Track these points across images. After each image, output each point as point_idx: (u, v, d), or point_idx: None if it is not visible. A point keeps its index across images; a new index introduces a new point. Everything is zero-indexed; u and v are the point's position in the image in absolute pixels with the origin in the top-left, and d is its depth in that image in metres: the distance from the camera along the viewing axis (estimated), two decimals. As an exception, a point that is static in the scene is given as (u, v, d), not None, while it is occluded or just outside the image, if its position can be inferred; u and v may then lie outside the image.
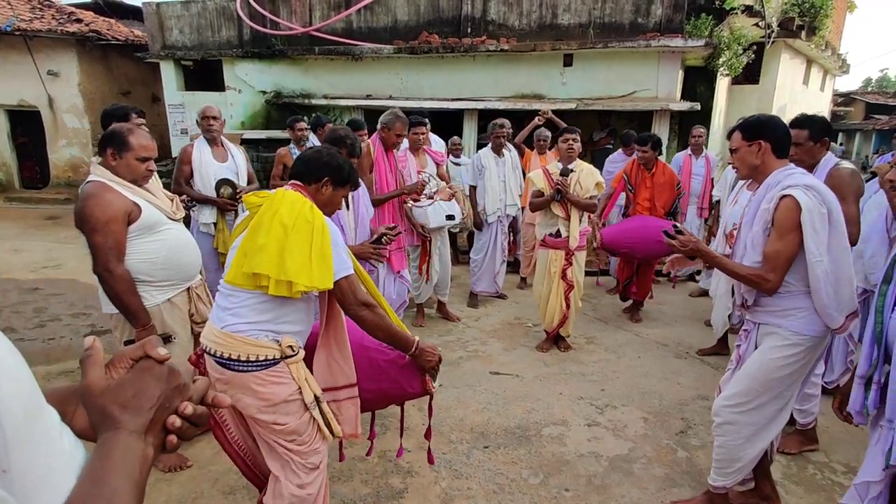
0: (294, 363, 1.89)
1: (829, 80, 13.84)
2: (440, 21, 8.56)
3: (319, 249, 1.81)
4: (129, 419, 0.66)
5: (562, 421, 3.28)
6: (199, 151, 3.90)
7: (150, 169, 2.46)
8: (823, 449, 3.03)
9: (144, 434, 0.66)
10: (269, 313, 1.87)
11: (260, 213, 1.87)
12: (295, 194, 1.93)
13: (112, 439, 0.64)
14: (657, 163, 4.71)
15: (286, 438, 1.92)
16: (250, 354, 1.84)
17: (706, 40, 7.15)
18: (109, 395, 0.67)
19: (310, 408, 1.91)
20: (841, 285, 2.13)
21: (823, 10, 9.45)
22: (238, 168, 4.01)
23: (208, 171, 3.87)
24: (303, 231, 1.81)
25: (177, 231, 2.58)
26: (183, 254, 2.58)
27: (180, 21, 10.02)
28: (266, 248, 1.78)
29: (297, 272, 1.77)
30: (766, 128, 2.20)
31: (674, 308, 5.39)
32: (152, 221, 2.43)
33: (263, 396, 1.86)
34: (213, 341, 1.88)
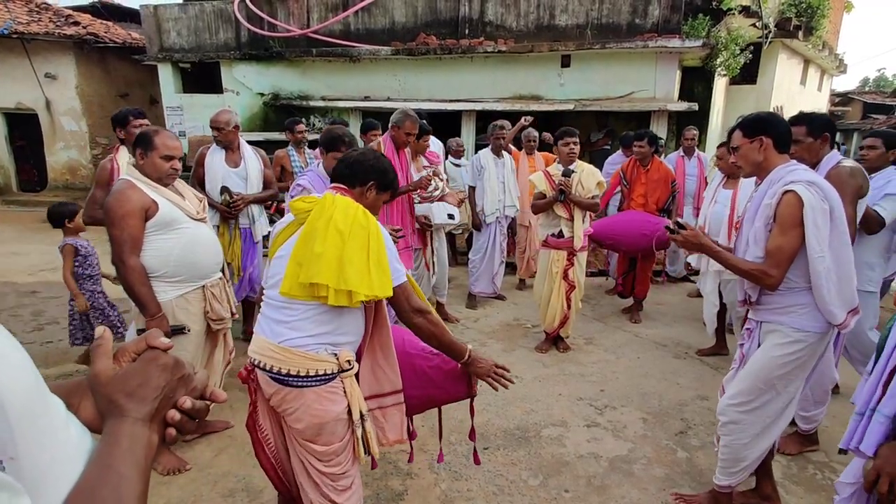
0: (349, 377, 1.86)
1: (827, 80, 13.87)
2: (438, 22, 8.56)
3: (377, 256, 1.76)
4: (135, 407, 0.68)
5: (561, 422, 3.28)
6: (212, 155, 3.94)
7: (174, 167, 2.56)
8: (823, 449, 3.03)
9: (149, 422, 0.68)
10: (329, 325, 1.81)
11: (311, 220, 1.79)
12: (345, 199, 1.87)
13: (118, 427, 0.67)
14: (653, 159, 4.75)
15: (322, 459, 1.88)
16: (310, 370, 1.79)
17: (703, 41, 7.16)
18: (116, 384, 0.69)
19: (354, 425, 1.87)
20: (842, 281, 2.13)
21: (820, 10, 9.48)
22: (248, 174, 3.99)
23: (216, 175, 3.90)
24: (359, 237, 1.75)
25: (195, 230, 2.64)
26: (198, 252, 2.63)
27: (178, 23, 10.02)
28: (324, 257, 1.71)
29: (357, 281, 1.71)
30: (767, 124, 2.21)
31: (672, 308, 5.39)
32: (169, 219, 2.52)
33: (317, 413, 1.81)
34: (268, 357, 1.81)
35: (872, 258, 3.18)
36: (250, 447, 2.91)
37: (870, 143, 3.27)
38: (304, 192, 3.01)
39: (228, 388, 3.49)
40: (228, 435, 3.05)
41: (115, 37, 11.54)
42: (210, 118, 3.96)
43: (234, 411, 3.26)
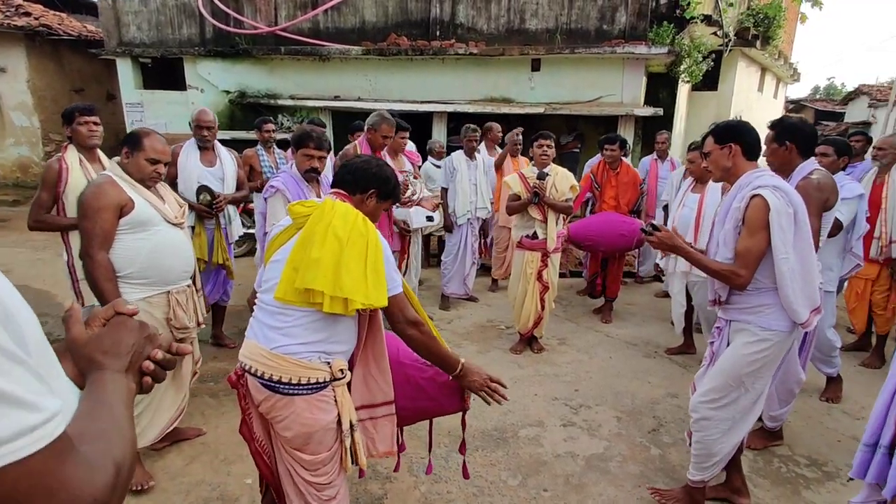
0: (340, 386, 1.82)
1: (782, 88, 14.47)
2: (409, 23, 8.54)
3: (374, 265, 1.73)
4: (112, 362, 0.80)
5: (538, 422, 3.31)
6: (186, 154, 3.83)
7: (158, 172, 2.52)
8: (787, 443, 3.15)
9: (125, 373, 0.82)
10: (322, 332, 1.78)
11: (310, 225, 1.76)
12: (345, 205, 1.84)
13: (101, 376, 0.79)
14: (621, 163, 4.87)
15: (309, 468, 1.84)
16: (301, 377, 1.75)
17: (669, 48, 7.37)
18: (92, 345, 0.82)
19: (343, 435, 1.84)
20: (806, 281, 2.23)
21: (777, 20, 9.89)
22: (225, 174, 3.92)
23: (192, 174, 3.80)
24: (358, 245, 1.73)
25: (169, 234, 2.57)
26: (167, 256, 2.55)
27: (138, 17, 9.68)
28: (321, 263, 1.68)
29: (353, 289, 1.68)
30: (737, 132, 2.30)
31: (641, 309, 5.52)
32: (143, 219, 2.46)
33: (305, 422, 1.77)
34: (260, 362, 1.77)
35: (831, 260, 3.33)
36: (224, 454, 2.86)
37: (822, 151, 3.41)
38: (277, 193, 2.95)
39: (197, 394, 3.40)
40: (201, 442, 2.96)
41: (70, 29, 11.07)
42: (194, 116, 3.87)
43: (205, 418, 3.17)
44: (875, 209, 3.92)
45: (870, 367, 4.19)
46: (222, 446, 2.94)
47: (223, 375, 3.68)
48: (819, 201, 2.63)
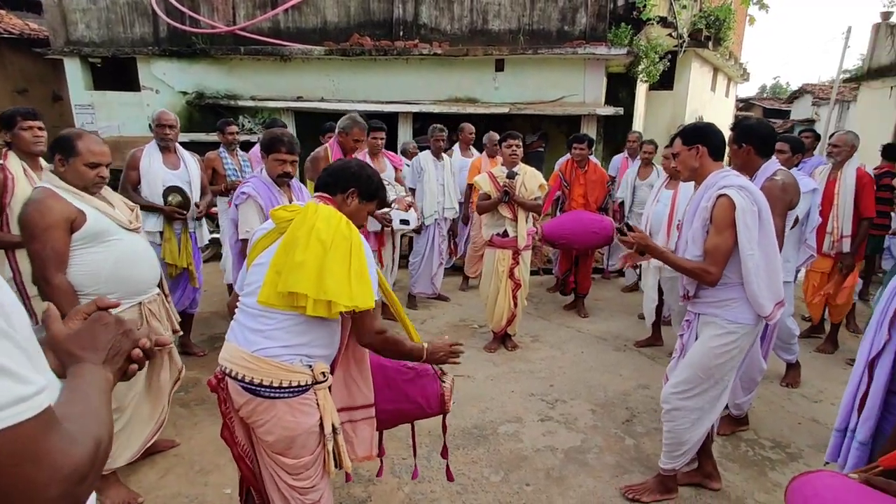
0: (322, 389, 1.80)
1: (733, 87, 15.07)
2: (371, 23, 8.48)
3: (358, 268, 1.73)
4: (90, 356, 0.86)
5: (516, 418, 3.36)
6: (149, 157, 3.70)
7: (101, 176, 2.33)
8: (753, 428, 3.30)
9: (103, 365, 0.87)
10: (305, 336, 1.76)
11: (293, 229, 1.75)
12: (328, 208, 1.83)
13: (81, 368, 0.85)
14: (589, 162, 4.98)
15: (292, 472, 1.82)
16: (283, 380, 1.72)
17: (627, 49, 7.57)
18: (72, 341, 0.87)
19: (326, 439, 1.82)
20: (770, 276, 2.34)
21: (727, 22, 10.29)
22: (191, 177, 3.83)
23: (156, 178, 3.67)
24: (341, 248, 1.72)
25: (129, 242, 2.41)
26: (133, 266, 2.41)
27: (86, 15, 9.27)
28: (304, 266, 1.67)
29: (336, 291, 1.67)
30: (703, 133, 2.39)
31: (609, 304, 5.66)
32: (99, 230, 2.28)
33: (287, 425, 1.75)
34: (241, 365, 1.74)
35: (788, 252, 3.48)
36: (200, 465, 2.79)
37: (779, 148, 3.57)
38: (248, 199, 2.89)
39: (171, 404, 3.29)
40: (174, 454, 2.88)
41: (11, 27, 10.52)
42: (155, 116, 3.76)
43: (177, 429, 3.08)
44: (828, 205, 4.13)
45: (824, 352, 4.42)
46: (197, 457, 2.86)
47: (194, 385, 3.59)
48: (784, 203, 2.75)
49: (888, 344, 1.55)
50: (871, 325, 1.67)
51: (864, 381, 1.65)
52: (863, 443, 1.59)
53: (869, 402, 1.60)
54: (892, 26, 9.89)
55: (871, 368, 1.62)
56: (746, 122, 2.83)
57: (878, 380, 1.58)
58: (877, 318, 1.63)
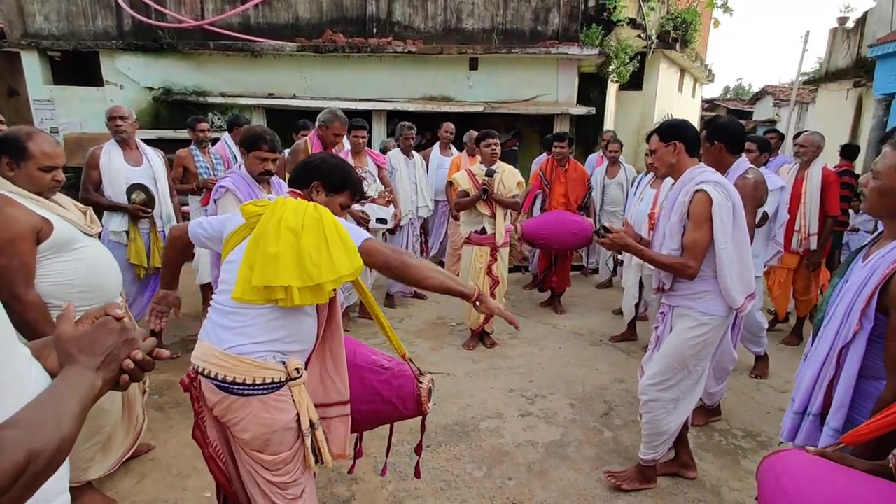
0: (297, 385, 1.78)
1: (699, 88, 15.47)
2: (344, 20, 8.41)
3: (335, 238, 1.71)
4: (85, 359, 0.88)
5: (497, 414, 3.38)
6: (109, 155, 3.56)
7: (57, 179, 2.15)
8: (725, 418, 3.40)
9: (96, 371, 0.88)
10: (279, 331, 1.73)
11: (262, 223, 1.72)
12: (296, 200, 1.82)
13: (70, 370, 0.87)
14: (569, 160, 5.03)
15: (270, 468, 1.79)
16: (255, 377, 1.70)
17: (599, 49, 7.69)
18: (73, 342, 0.89)
19: (304, 434, 1.79)
20: (742, 270, 2.42)
21: (693, 24, 10.56)
22: (155, 173, 3.70)
23: (118, 175, 3.54)
24: (313, 229, 1.70)
25: (95, 249, 2.30)
26: (102, 274, 2.30)
27: (45, 6, 8.92)
28: (280, 258, 1.64)
29: (319, 272, 1.65)
30: (680, 130, 2.45)
31: (584, 300, 5.75)
32: (66, 238, 2.13)
33: (263, 422, 1.73)
34: (213, 364, 1.71)
35: (757, 247, 3.60)
36: (177, 469, 2.73)
37: (748, 148, 3.69)
38: (227, 193, 2.84)
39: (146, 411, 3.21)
40: (150, 458, 2.80)
41: (-36, 18, 10.03)
42: (109, 109, 3.61)
43: (153, 433, 3.00)
44: (796, 203, 4.28)
45: (789, 344, 4.59)
46: (174, 461, 2.80)
47: (168, 388, 3.50)
48: (755, 200, 2.85)
49: (858, 333, 1.62)
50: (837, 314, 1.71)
51: (830, 367, 1.72)
52: (836, 430, 1.64)
53: (840, 390, 1.66)
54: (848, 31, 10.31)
55: (839, 357, 1.69)
56: (718, 120, 2.90)
57: (849, 369, 1.64)
58: (845, 308, 1.68)
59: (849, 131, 9.84)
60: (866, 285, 1.60)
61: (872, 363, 1.62)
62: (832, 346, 1.70)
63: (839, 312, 1.70)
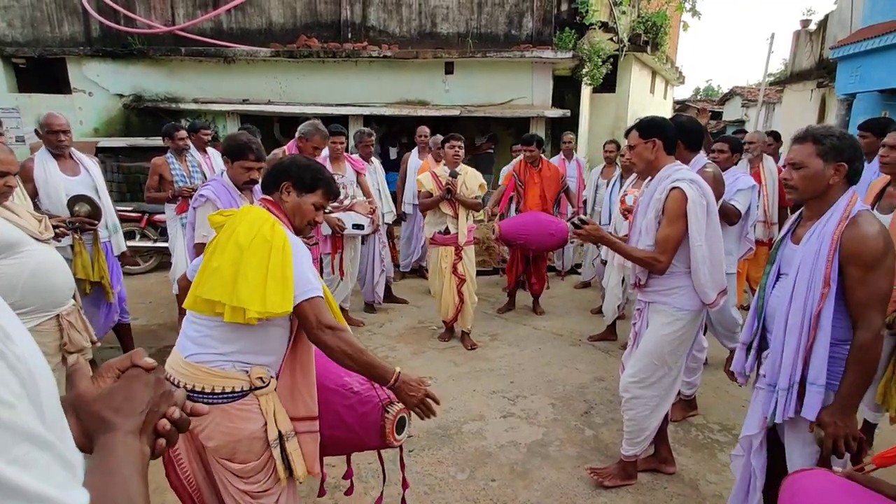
0: (264, 395, 1.75)
1: (670, 90, 15.79)
2: (318, 25, 8.38)
3: (278, 270, 1.65)
4: (124, 421, 0.71)
5: (479, 416, 3.41)
6: (43, 166, 3.41)
7: (9, 185, 2.21)
8: (702, 413, 3.48)
9: (139, 434, 0.71)
10: (237, 342, 1.70)
11: (220, 233, 1.72)
12: (258, 210, 1.77)
13: (112, 440, 0.69)
14: (542, 160, 5.09)
15: (241, 476, 1.77)
16: (216, 386, 1.68)
17: (572, 52, 7.80)
18: (102, 402, 0.72)
19: (271, 445, 1.76)
20: (714, 266, 2.49)
21: (663, 28, 10.78)
22: (95, 181, 3.59)
23: (57, 187, 3.41)
24: (259, 251, 1.65)
25: (42, 252, 2.32)
26: (49, 277, 2.32)
27: (8, 13, 8.69)
28: (219, 272, 1.64)
29: (248, 298, 1.61)
30: (659, 128, 2.51)
31: (562, 301, 5.81)
32: (11, 241, 2.19)
33: (228, 430, 1.71)
34: (177, 371, 1.71)
35: (731, 245, 3.68)
36: (156, 482, 2.67)
37: (719, 148, 3.79)
38: (207, 202, 2.81)
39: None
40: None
41: (-77, 25, 9.70)
42: (43, 121, 3.42)
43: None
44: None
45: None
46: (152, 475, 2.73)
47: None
48: (717, 192, 2.94)
49: (827, 296, 1.77)
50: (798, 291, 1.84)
51: (805, 334, 1.83)
52: (822, 385, 1.79)
53: (820, 350, 1.79)
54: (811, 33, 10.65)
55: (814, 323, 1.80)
56: (677, 119, 2.99)
57: (824, 328, 1.78)
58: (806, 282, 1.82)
59: (814, 130, 10.12)
60: (819, 254, 1.79)
61: (837, 327, 1.80)
62: (803, 316, 1.83)
63: (800, 287, 1.84)
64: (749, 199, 3.58)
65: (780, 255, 2.02)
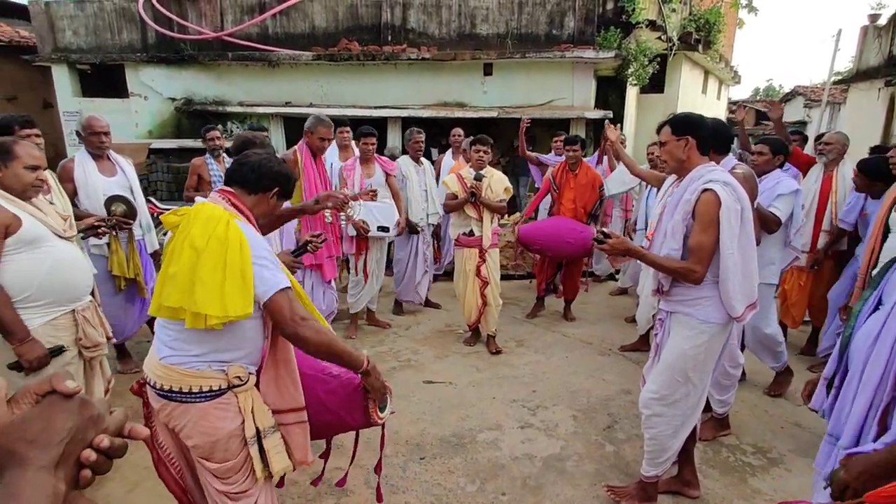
0: (242, 392, 1.74)
1: (724, 90, 15.09)
2: (360, 28, 8.48)
3: (236, 271, 1.62)
4: (38, 454, 0.62)
5: (496, 425, 3.31)
6: (82, 167, 3.53)
7: (40, 178, 2.31)
8: (734, 433, 3.26)
9: (55, 469, 0.63)
10: (209, 344, 1.70)
11: (175, 236, 1.70)
12: (212, 208, 1.71)
13: (19, 477, 0.61)
14: (581, 164, 4.91)
15: (219, 476, 1.78)
16: (192, 386, 1.69)
17: (616, 52, 7.56)
18: (15, 431, 0.63)
19: (248, 443, 1.76)
20: (745, 277, 2.29)
21: (716, 25, 10.31)
22: (130, 182, 3.71)
23: (96, 187, 3.53)
24: (214, 253, 1.62)
25: (62, 249, 2.39)
26: (67, 273, 2.38)
27: (74, 22, 9.25)
28: (176, 278, 1.62)
29: (207, 303, 1.58)
30: (694, 125, 2.33)
31: (596, 307, 5.62)
32: (33, 236, 2.26)
33: (206, 429, 1.71)
34: (153, 373, 1.74)
35: (775, 254, 3.42)
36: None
37: (759, 150, 3.51)
38: None
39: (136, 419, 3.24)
40: (144, 467, 2.80)
41: (0, 35, 10.49)
42: (85, 123, 3.55)
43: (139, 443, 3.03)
44: (823, 202, 4.07)
45: (807, 354, 4.39)
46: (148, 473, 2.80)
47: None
48: (750, 190, 2.74)
49: None
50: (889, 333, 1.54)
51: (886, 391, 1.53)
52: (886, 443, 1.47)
53: None
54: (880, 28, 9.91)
55: None
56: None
57: None
58: None
59: (880, 132, 9.43)
60: None
61: None
62: (888, 364, 1.54)
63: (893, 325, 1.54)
64: (791, 204, 3.31)
65: (888, 280, 1.68)
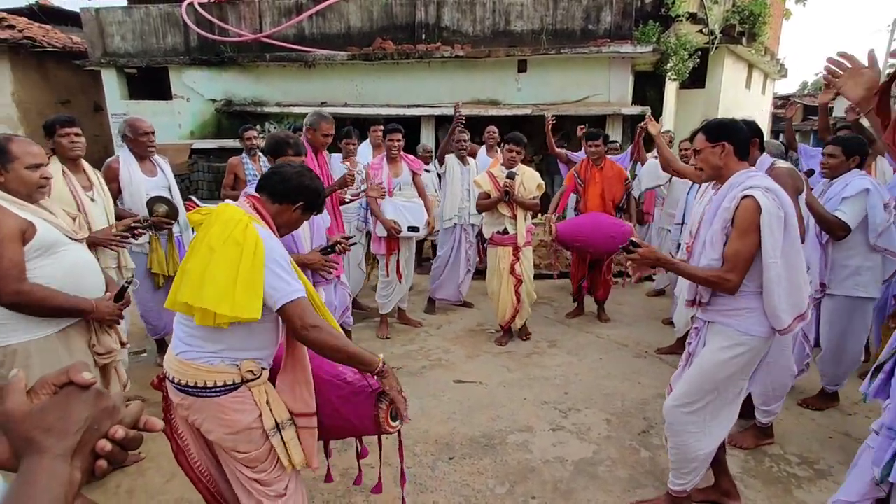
0: (256, 386, 1.78)
1: (770, 84, 14.52)
2: (394, 27, 8.53)
3: (248, 274, 1.64)
4: (54, 443, 0.64)
5: (527, 427, 3.26)
6: (127, 167, 3.63)
7: (45, 176, 2.25)
8: (778, 441, 3.11)
9: (71, 458, 0.65)
10: (223, 342, 1.73)
11: (197, 233, 1.76)
12: (234, 210, 1.75)
13: (36, 464, 0.63)
14: (605, 159, 4.81)
15: (248, 465, 1.83)
16: (207, 381, 1.73)
17: (654, 46, 7.36)
18: (33, 420, 0.66)
19: (269, 435, 1.79)
20: (792, 287, 2.16)
21: (762, 17, 9.91)
22: (170, 182, 3.81)
23: (139, 187, 3.63)
24: (229, 254, 1.64)
25: (76, 252, 2.34)
26: (82, 276, 2.33)
27: (122, 27, 9.63)
28: (190, 274, 1.66)
29: (217, 300, 1.60)
30: (729, 130, 2.24)
31: (632, 308, 5.49)
32: (49, 241, 2.20)
33: (225, 423, 1.76)
34: (172, 368, 1.79)
35: (862, 261, 3.18)
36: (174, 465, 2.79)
37: (830, 152, 3.25)
38: None
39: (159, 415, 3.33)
40: (181, 458, 2.90)
41: (55, 41, 11.00)
42: (134, 124, 3.64)
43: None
44: None
45: (862, 361, 4.15)
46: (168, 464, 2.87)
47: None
48: (795, 187, 2.62)
49: None
50: None
51: None
52: None
53: None
54: (943, 16, 9.33)
55: None
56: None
57: None
58: None
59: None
60: None
61: None
62: None
63: None
64: (861, 206, 3.06)
65: None
